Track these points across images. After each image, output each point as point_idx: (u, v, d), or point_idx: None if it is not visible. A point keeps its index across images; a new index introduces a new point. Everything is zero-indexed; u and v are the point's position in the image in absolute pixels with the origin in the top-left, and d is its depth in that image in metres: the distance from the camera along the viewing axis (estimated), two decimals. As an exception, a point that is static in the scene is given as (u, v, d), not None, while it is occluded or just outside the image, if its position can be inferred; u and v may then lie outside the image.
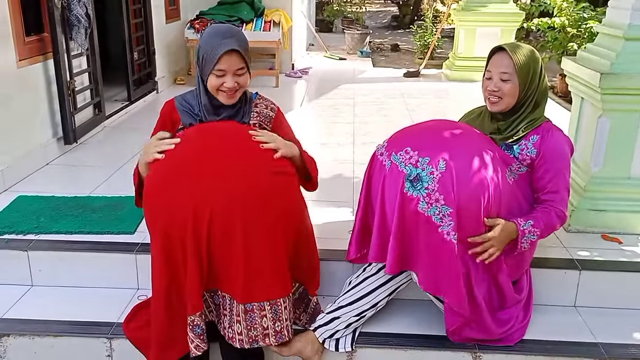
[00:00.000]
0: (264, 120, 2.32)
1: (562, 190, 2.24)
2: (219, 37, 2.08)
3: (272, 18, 6.45)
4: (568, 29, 6.71)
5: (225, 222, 1.92)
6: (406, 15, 15.74)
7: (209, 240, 1.93)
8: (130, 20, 5.09)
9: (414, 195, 2.03)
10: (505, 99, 2.24)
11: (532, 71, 2.21)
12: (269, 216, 2.00)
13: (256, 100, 2.34)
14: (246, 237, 1.94)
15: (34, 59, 3.56)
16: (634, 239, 2.78)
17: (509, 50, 2.21)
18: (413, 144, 2.11)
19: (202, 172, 1.98)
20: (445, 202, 2.00)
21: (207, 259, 1.96)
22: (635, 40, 2.67)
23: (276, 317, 2.04)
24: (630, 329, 2.41)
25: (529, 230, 2.15)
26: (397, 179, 2.07)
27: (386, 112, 5.31)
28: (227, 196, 1.94)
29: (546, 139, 2.24)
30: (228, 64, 2.08)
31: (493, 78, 2.25)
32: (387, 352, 2.29)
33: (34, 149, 3.57)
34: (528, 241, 2.17)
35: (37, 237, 2.68)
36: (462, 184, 2.00)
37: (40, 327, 2.35)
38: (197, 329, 2.00)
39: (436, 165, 2.02)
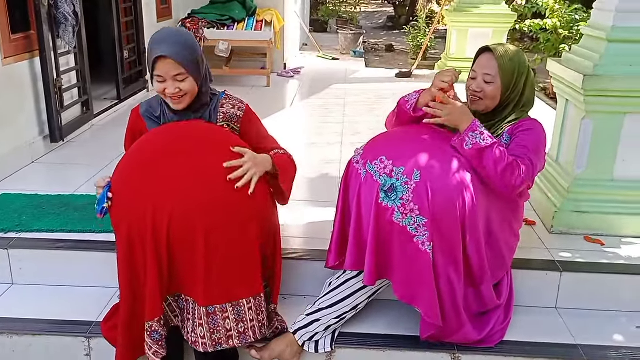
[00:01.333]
0: (231, 120, 2.24)
1: (526, 158, 2.12)
2: (155, 42, 2.03)
3: (264, 17, 6.45)
4: (560, 31, 6.73)
5: (185, 224, 1.89)
6: (402, 15, 15.76)
7: (169, 243, 1.90)
8: (121, 19, 5.08)
9: (389, 205, 2.03)
10: (485, 100, 2.24)
11: (516, 74, 2.21)
12: (234, 216, 1.96)
13: (222, 100, 2.26)
14: (207, 239, 1.91)
15: (20, 57, 3.54)
16: (617, 241, 2.78)
17: (495, 51, 2.20)
18: (388, 152, 2.10)
19: (161, 174, 1.95)
20: (420, 212, 2.00)
21: (168, 262, 1.93)
22: (618, 42, 2.68)
23: (239, 318, 2.00)
24: (610, 331, 2.42)
25: (480, 132, 2.08)
26: (372, 189, 2.06)
27: (377, 113, 5.30)
28: (187, 198, 1.91)
29: (520, 125, 2.23)
30: (163, 70, 2.02)
31: (477, 78, 2.25)
32: (365, 353, 2.29)
33: (19, 147, 3.55)
34: (475, 140, 2.06)
35: (19, 236, 2.67)
36: (436, 194, 1.99)
37: (19, 326, 2.34)
38: (155, 335, 1.98)
39: (410, 175, 2.01)
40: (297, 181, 3.33)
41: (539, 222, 2.97)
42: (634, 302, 2.53)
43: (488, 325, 2.28)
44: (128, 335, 2.04)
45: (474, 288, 2.21)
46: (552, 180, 3.01)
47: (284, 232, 2.71)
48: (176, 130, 2.12)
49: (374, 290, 2.28)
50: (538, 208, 3.08)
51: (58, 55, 3.84)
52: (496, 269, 2.28)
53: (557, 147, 3.07)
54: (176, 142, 2.05)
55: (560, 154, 3.05)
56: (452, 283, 2.10)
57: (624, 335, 2.39)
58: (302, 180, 3.34)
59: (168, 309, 2.07)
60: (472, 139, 2.08)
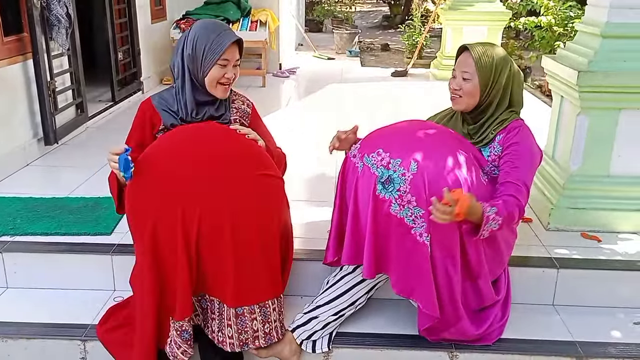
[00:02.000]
0: (243, 116, 2.34)
1: (521, 184, 2.12)
2: (217, 30, 2.13)
3: (259, 18, 6.44)
4: (555, 28, 6.74)
5: (213, 226, 1.93)
6: (397, 14, 15.77)
7: (198, 244, 1.93)
8: (115, 20, 5.07)
9: (386, 197, 2.02)
10: (465, 98, 2.22)
11: (494, 71, 2.17)
12: (258, 218, 2.00)
13: (232, 96, 2.35)
14: (235, 241, 1.94)
15: (13, 59, 3.53)
16: (613, 237, 2.78)
17: (472, 49, 2.19)
18: (385, 145, 2.09)
19: (189, 175, 1.97)
20: (417, 203, 1.99)
21: (197, 263, 1.96)
22: (612, 37, 2.67)
23: (265, 319, 2.06)
24: (608, 327, 2.41)
25: (492, 218, 2.00)
26: (370, 181, 2.06)
27: (372, 112, 5.29)
28: (215, 199, 1.94)
29: (511, 135, 2.20)
30: (232, 55, 2.14)
31: (456, 77, 2.24)
32: (363, 352, 2.28)
33: (13, 149, 3.54)
34: (489, 230, 2.02)
35: (13, 239, 2.66)
36: (434, 185, 1.98)
37: (14, 330, 2.32)
38: (185, 334, 2.01)
39: (408, 167, 2.01)
40: (294, 181, 3.33)
41: (536, 219, 2.96)
42: (631, 298, 2.53)
43: (486, 322, 2.27)
44: (152, 336, 2.02)
45: (471, 282, 2.20)
46: (548, 177, 3.01)
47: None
48: (198, 133, 2.13)
49: (372, 285, 2.27)
50: (534, 205, 3.07)
51: (51, 58, 3.82)
52: (494, 265, 2.27)
53: (552, 144, 3.07)
54: (200, 145, 2.07)
55: (556, 150, 3.05)
56: (450, 276, 2.09)
57: (622, 332, 2.38)
58: (299, 180, 3.33)
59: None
60: (487, 231, 2.03)
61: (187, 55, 2.13)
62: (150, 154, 2.10)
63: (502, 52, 2.23)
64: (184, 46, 2.14)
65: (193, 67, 2.14)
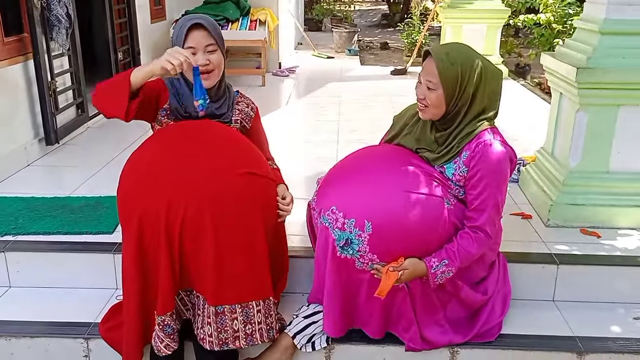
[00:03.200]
0: (245, 118, 2.35)
1: (489, 210, 2.04)
2: (186, 20, 2.12)
3: (258, 17, 6.44)
4: (554, 25, 6.75)
5: (197, 223, 1.92)
6: (396, 13, 15.76)
7: (181, 240, 1.92)
8: (114, 20, 5.07)
9: (349, 256, 2.04)
10: (430, 108, 2.07)
11: (461, 80, 2.00)
12: (244, 217, 1.98)
13: (238, 97, 2.37)
14: (217, 239, 1.93)
15: (13, 60, 3.54)
16: (613, 233, 2.79)
17: (435, 56, 2.01)
18: (338, 201, 2.05)
19: (176, 171, 1.97)
20: (380, 259, 2.01)
21: (179, 259, 1.95)
22: (610, 34, 2.68)
23: (247, 319, 2.03)
24: (608, 322, 2.42)
25: (442, 271, 2.03)
26: (327, 242, 2.07)
27: (372, 110, 5.31)
28: (200, 196, 1.92)
29: (476, 156, 2.02)
30: (196, 40, 2.09)
31: (422, 83, 2.08)
32: (364, 348, 2.28)
33: (14, 150, 3.55)
34: (442, 279, 2.05)
35: (15, 238, 2.67)
36: (392, 240, 1.99)
37: (17, 328, 2.34)
38: (167, 329, 2.00)
39: (362, 227, 1.99)
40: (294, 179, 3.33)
41: (535, 216, 2.97)
42: (631, 294, 2.54)
43: (477, 325, 2.27)
44: (137, 326, 2.03)
45: (454, 297, 2.22)
46: (547, 174, 3.02)
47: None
48: (191, 129, 2.12)
49: None
50: (534, 202, 3.09)
51: (52, 58, 3.83)
52: (472, 272, 2.25)
53: (552, 141, 3.08)
54: (191, 141, 2.06)
55: (555, 147, 3.06)
56: (430, 304, 2.15)
57: (622, 327, 2.39)
58: (299, 178, 3.34)
59: (180, 302, 2.09)
60: (441, 279, 2.06)
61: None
62: (143, 148, 2.11)
63: (471, 56, 2.04)
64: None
65: None
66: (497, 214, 2.10)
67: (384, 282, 2.00)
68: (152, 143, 2.12)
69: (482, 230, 2.06)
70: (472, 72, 2.01)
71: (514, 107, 5.35)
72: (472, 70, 2.01)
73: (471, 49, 2.10)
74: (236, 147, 2.12)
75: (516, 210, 3.03)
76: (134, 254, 1.97)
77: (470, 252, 2.06)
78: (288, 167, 3.61)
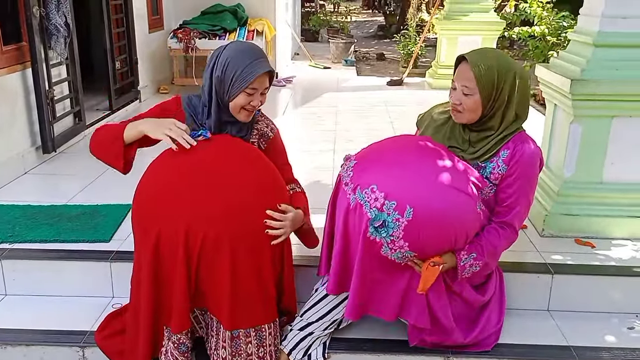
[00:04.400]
0: (262, 138, 2.30)
1: (520, 207, 2.13)
2: (252, 56, 2.05)
3: (256, 27, 6.49)
4: (548, 38, 6.81)
5: (215, 249, 1.92)
6: (392, 24, 15.87)
7: (199, 262, 1.93)
8: (112, 30, 5.10)
9: (377, 239, 1.97)
10: (466, 113, 2.10)
11: (497, 84, 2.04)
12: (259, 247, 2.00)
13: (258, 117, 2.31)
14: (234, 265, 1.94)
15: (12, 68, 3.56)
16: (607, 243, 2.81)
17: (471, 61, 2.05)
18: (380, 181, 1.97)
19: (198, 192, 1.94)
20: (409, 248, 1.96)
21: (195, 281, 1.96)
22: (604, 47, 2.72)
23: (260, 343, 2.06)
24: (602, 332, 2.44)
25: (470, 264, 2.08)
26: (361, 220, 1.98)
27: (368, 120, 5.34)
28: (220, 224, 1.92)
29: (516, 154, 2.10)
30: (261, 84, 2.08)
31: (456, 89, 2.11)
32: (360, 357, 2.29)
33: (11, 158, 3.55)
34: (470, 272, 2.10)
35: (12, 246, 2.67)
36: (429, 231, 1.94)
37: (12, 337, 2.33)
38: (182, 347, 2.03)
39: (403, 212, 1.91)
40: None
41: (530, 226, 2.99)
42: (625, 304, 2.56)
43: (475, 330, 2.28)
44: (148, 339, 2.03)
45: (458, 297, 2.22)
46: (542, 184, 3.04)
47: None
48: (216, 147, 2.08)
49: None
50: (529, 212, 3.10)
51: (50, 67, 3.85)
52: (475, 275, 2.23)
53: (546, 152, 3.11)
54: (214, 162, 2.03)
55: (550, 158, 3.08)
56: (441, 298, 2.13)
57: (616, 337, 2.41)
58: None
59: (194, 320, 2.10)
60: (468, 273, 2.11)
61: (216, 77, 2.06)
62: (163, 159, 2.07)
63: (505, 59, 2.10)
64: (214, 66, 2.06)
65: (220, 89, 2.07)
66: (526, 212, 2.18)
67: (425, 277, 2.00)
68: (173, 156, 2.04)
69: (510, 226, 2.14)
70: (508, 74, 2.05)
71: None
72: (508, 75, 2.05)
73: (504, 54, 2.17)
74: (260, 176, 2.09)
75: (511, 220, 3.05)
76: (148, 268, 1.96)
77: (496, 246, 2.12)
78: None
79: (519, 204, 2.13)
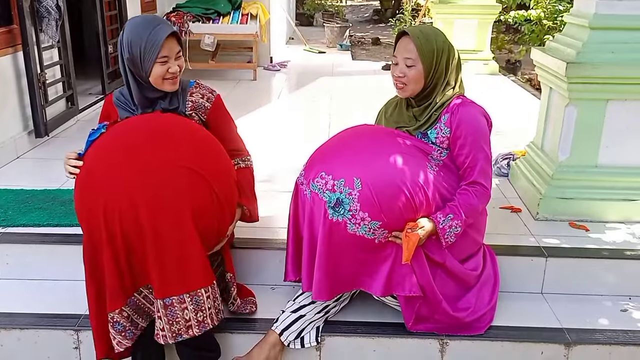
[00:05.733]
0: (199, 110, 2.28)
1: (481, 162, 2.18)
2: (149, 26, 2.07)
3: (250, 11, 6.43)
4: (544, 22, 6.78)
5: (133, 217, 1.90)
6: (387, 9, 15.75)
7: (123, 236, 1.92)
8: (104, 13, 5.04)
9: (340, 219, 2.03)
10: (410, 85, 2.18)
11: (436, 54, 2.15)
12: (178, 209, 1.94)
13: (192, 88, 2.30)
14: (155, 231, 1.91)
15: (2, 51, 3.51)
16: (601, 227, 2.81)
17: (412, 34, 2.15)
18: (326, 167, 2.09)
19: (113, 170, 1.96)
20: (371, 218, 2.01)
21: (125, 254, 1.94)
22: (600, 29, 2.70)
23: (198, 307, 2.00)
24: (595, 314, 2.45)
25: (449, 225, 2.11)
26: (320, 206, 2.06)
27: (363, 105, 5.30)
28: (132, 190, 1.91)
29: (456, 114, 2.18)
30: (170, 49, 2.10)
31: (399, 64, 2.19)
32: (355, 340, 2.30)
33: (3, 142, 3.52)
34: (452, 234, 2.13)
35: (5, 230, 2.66)
36: (381, 195, 2.00)
37: (6, 320, 2.33)
38: (117, 326, 2.00)
39: (352, 185, 2.01)
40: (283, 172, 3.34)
41: (525, 209, 2.99)
42: (618, 286, 2.57)
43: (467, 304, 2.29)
44: (96, 324, 2.05)
45: (439, 268, 2.22)
46: (536, 168, 3.04)
47: (271, 223, 2.72)
48: (131, 127, 2.10)
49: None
50: (523, 195, 3.11)
51: (41, 50, 3.81)
52: (459, 245, 2.24)
53: (541, 135, 3.10)
54: (129, 138, 2.04)
55: (545, 141, 3.08)
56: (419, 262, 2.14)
57: (609, 319, 2.42)
58: (288, 172, 3.33)
59: (145, 300, 2.06)
60: (451, 236, 2.13)
61: (127, 59, 2.08)
62: (91, 149, 2.09)
63: (441, 34, 2.22)
64: (121, 50, 2.09)
65: (135, 69, 2.09)
66: (488, 165, 2.22)
67: (406, 246, 2.03)
68: (100, 143, 2.07)
69: (478, 184, 2.19)
70: (444, 46, 2.17)
71: (504, 102, 5.37)
72: (444, 45, 2.17)
73: (436, 28, 2.30)
74: (180, 138, 2.06)
75: (506, 204, 3.05)
76: (85, 253, 1.99)
77: (471, 203, 2.16)
78: (278, 160, 3.63)
79: (478, 160, 2.18)
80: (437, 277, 2.21)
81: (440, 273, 2.22)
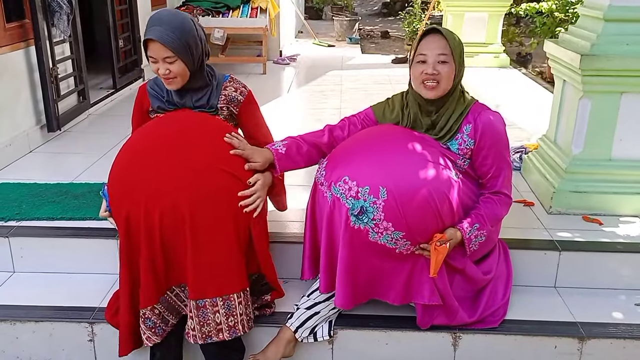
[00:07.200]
0: (231, 103, 2.31)
1: (504, 172, 2.20)
2: (149, 24, 2.09)
3: (259, 4, 6.41)
4: (556, 14, 6.72)
5: (174, 217, 1.93)
6: (397, 2, 15.66)
7: (162, 235, 1.94)
8: (115, 7, 5.04)
9: (362, 227, 2.00)
10: (442, 83, 2.11)
11: (463, 54, 2.14)
12: (218, 212, 1.98)
13: (226, 82, 2.33)
14: (195, 232, 1.94)
15: (15, 46, 3.53)
16: (615, 220, 2.79)
17: (444, 31, 2.11)
18: (350, 171, 2.03)
19: (154, 165, 1.98)
20: (395, 228, 1.98)
21: (162, 253, 1.97)
22: (614, 21, 2.67)
23: (229, 312, 2.03)
24: (609, 308, 2.44)
25: (475, 235, 2.12)
26: (341, 213, 2.02)
27: (373, 98, 5.25)
28: (175, 190, 1.93)
29: (479, 125, 2.14)
30: (154, 52, 2.08)
31: (428, 61, 2.10)
32: (367, 333, 2.30)
33: (16, 136, 3.54)
34: (477, 243, 2.14)
35: (19, 224, 2.67)
36: (408, 206, 1.97)
37: (22, 313, 2.35)
38: (148, 322, 2.03)
39: (377, 194, 1.96)
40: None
41: (538, 203, 2.98)
42: (632, 280, 2.55)
43: (481, 304, 2.29)
44: (129, 320, 2.07)
45: (458, 274, 2.22)
46: (550, 161, 3.02)
47: (283, 217, 2.72)
48: (172, 123, 2.14)
49: None
50: (536, 189, 3.09)
51: (53, 44, 3.82)
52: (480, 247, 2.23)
53: (554, 128, 3.08)
54: (170, 135, 2.07)
55: (558, 134, 3.06)
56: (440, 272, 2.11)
57: (623, 313, 2.41)
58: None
59: (176, 298, 2.10)
60: (475, 245, 2.15)
61: None
62: (128, 142, 2.14)
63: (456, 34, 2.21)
64: None
65: None
66: (511, 174, 2.25)
67: (435, 259, 2.01)
68: (135, 139, 2.13)
69: (502, 193, 2.21)
70: (463, 49, 2.17)
71: (516, 95, 5.33)
72: (463, 48, 2.17)
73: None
74: (215, 141, 2.09)
75: (519, 197, 3.03)
76: (123, 249, 2.01)
77: (496, 213, 2.19)
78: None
79: (502, 170, 2.19)
80: (455, 282, 2.21)
81: (458, 278, 2.22)
